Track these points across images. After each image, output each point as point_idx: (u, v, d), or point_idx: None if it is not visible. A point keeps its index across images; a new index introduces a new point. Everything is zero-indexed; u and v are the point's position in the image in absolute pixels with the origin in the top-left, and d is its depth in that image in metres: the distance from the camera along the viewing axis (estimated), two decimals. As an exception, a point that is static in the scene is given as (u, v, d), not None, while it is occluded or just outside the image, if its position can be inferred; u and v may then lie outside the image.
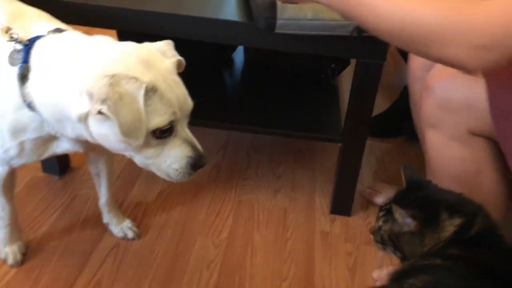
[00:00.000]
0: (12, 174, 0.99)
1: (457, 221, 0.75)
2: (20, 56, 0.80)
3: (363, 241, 1.27)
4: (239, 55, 1.65)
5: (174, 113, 0.74)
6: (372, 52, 1.08)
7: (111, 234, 1.22)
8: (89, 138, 0.79)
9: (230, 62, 1.63)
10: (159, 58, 0.78)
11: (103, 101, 0.68)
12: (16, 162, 0.93)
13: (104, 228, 1.23)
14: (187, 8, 1.12)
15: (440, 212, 0.76)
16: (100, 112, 0.70)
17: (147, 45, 0.80)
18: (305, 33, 1.03)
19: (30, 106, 0.80)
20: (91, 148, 0.97)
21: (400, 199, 0.81)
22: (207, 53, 1.56)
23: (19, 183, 1.36)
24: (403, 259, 0.81)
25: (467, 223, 0.74)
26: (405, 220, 0.76)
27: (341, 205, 1.34)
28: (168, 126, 0.74)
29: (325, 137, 1.32)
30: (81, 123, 0.75)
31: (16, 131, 0.85)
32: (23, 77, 0.79)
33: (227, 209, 1.34)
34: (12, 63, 0.80)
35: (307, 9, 1.01)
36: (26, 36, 0.81)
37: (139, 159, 0.80)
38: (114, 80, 0.69)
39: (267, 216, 1.33)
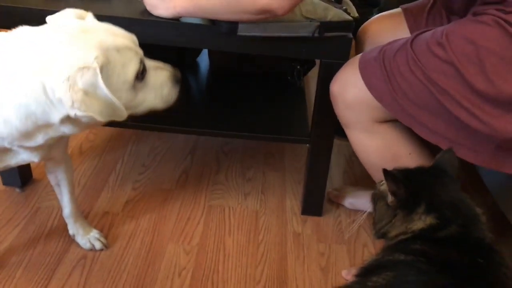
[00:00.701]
0: None
1: (429, 220, 0.75)
2: None
3: (335, 241, 1.27)
4: (203, 59, 1.64)
5: (136, 52, 0.79)
6: (335, 52, 1.09)
7: (77, 246, 1.18)
8: (79, 130, 0.81)
9: (195, 66, 1.61)
10: (85, 23, 0.79)
11: (72, 106, 0.70)
12: None
13: (70, 240, 1.19)
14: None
15: (420, 203, 0.76)
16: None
17: (65, 21, 0.80)
18: (267, 34, 1.02)
19: None
20: (47, 158, 0.94)
21: (402, 172, 0.81)
22: (170, 57, 1.54)
23: (-22, 198, 1.30)
24: (374, 223, 0.84)
25: (437, 226, 0.74)
26: (388, 191, 0.78)
27: (312, 205, 1.34)
28: (142, 65, 0.79)
29: (293, 139, 1.32)
30: (68, 123, 0.77)
31: None
32: None
33: (198, 214, 1.32)
34: None
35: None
36: None
37: (141, 109, 0.84)
38: (71, 82, 0.70)
39: (238, 220, 1.32)
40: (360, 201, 1.34)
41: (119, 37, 0.77)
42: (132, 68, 0.77)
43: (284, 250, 1.23)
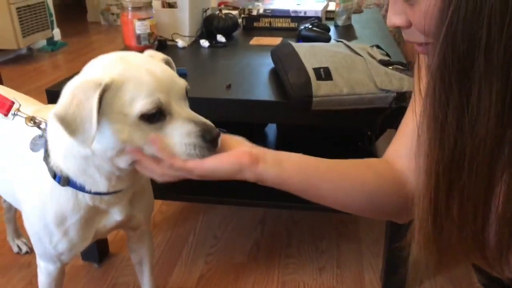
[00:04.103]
0: (62, 271, 0.96)
1: None
2: (41, 141, 0.82)
3: (422, 322, 1.16)
4: (271, 128, 1.65)
5: (158, 97, 0.71)
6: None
7: (152, 325, 1.16)
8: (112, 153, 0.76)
9: (263, 136, 1.62)
10: (137, 55, 0.77)
11: (59, 106, 0.69)
12: (67, 256, 0.89)
13: (146, 319, 1.17)
14: (220, 91, 1.13)
15: None
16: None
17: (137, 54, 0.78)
18: (343, 108, 1.01)
19: (60, 179, 0.79)
20: (130, 217, 0.93)
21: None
22: (239, 130, 1.56)
23: (59, 273, 1.34)
24: None
25: None
26: None
27: (394, 281, 1.25)
28: (154, 111, 0.71)
29: (369, 209, 1.25)
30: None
31: (59, 218, 0.83)
32: (47, 155, 0.80)
33: (272, 291, 1.27)
34: (33, 148, 0.82)
35: (342, 84, 1.00)
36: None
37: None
38: (75, 90, 0.69)
39: (314, 297, 1.25)
40: None
41: (154, 76, 0.72)
42: (137, 107, 0.70)
43: (367, 333, 1.14)
